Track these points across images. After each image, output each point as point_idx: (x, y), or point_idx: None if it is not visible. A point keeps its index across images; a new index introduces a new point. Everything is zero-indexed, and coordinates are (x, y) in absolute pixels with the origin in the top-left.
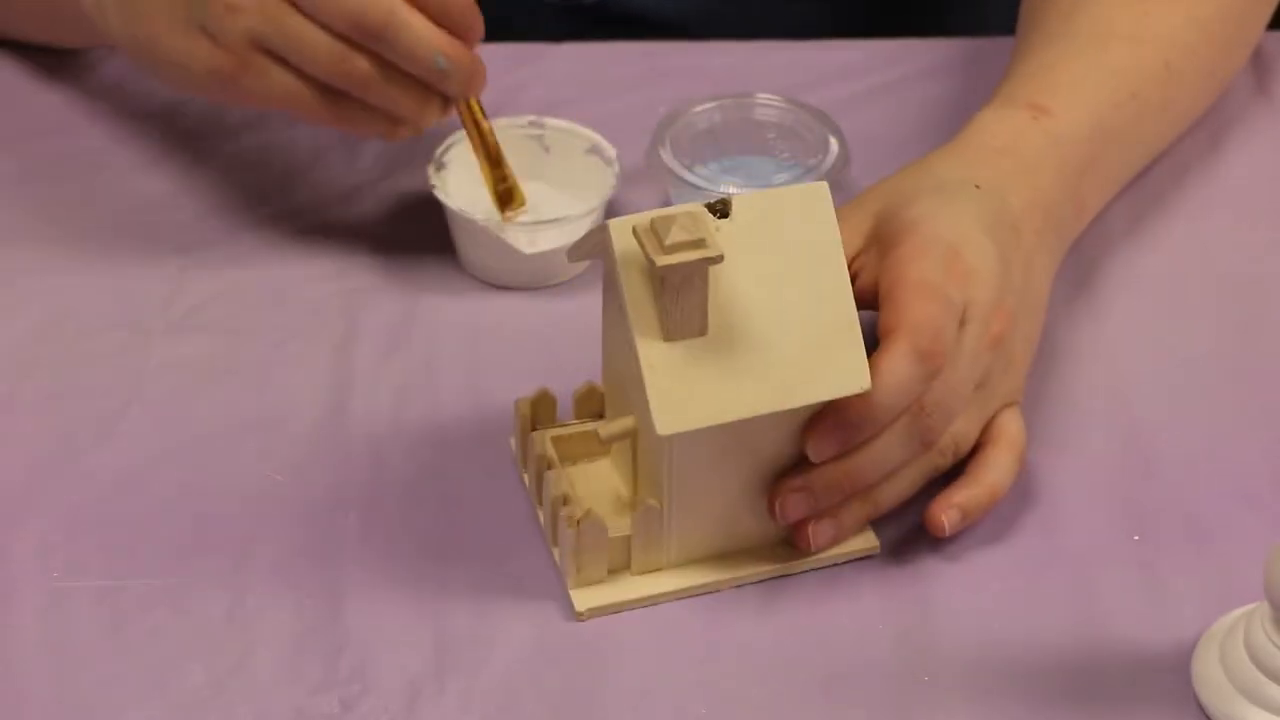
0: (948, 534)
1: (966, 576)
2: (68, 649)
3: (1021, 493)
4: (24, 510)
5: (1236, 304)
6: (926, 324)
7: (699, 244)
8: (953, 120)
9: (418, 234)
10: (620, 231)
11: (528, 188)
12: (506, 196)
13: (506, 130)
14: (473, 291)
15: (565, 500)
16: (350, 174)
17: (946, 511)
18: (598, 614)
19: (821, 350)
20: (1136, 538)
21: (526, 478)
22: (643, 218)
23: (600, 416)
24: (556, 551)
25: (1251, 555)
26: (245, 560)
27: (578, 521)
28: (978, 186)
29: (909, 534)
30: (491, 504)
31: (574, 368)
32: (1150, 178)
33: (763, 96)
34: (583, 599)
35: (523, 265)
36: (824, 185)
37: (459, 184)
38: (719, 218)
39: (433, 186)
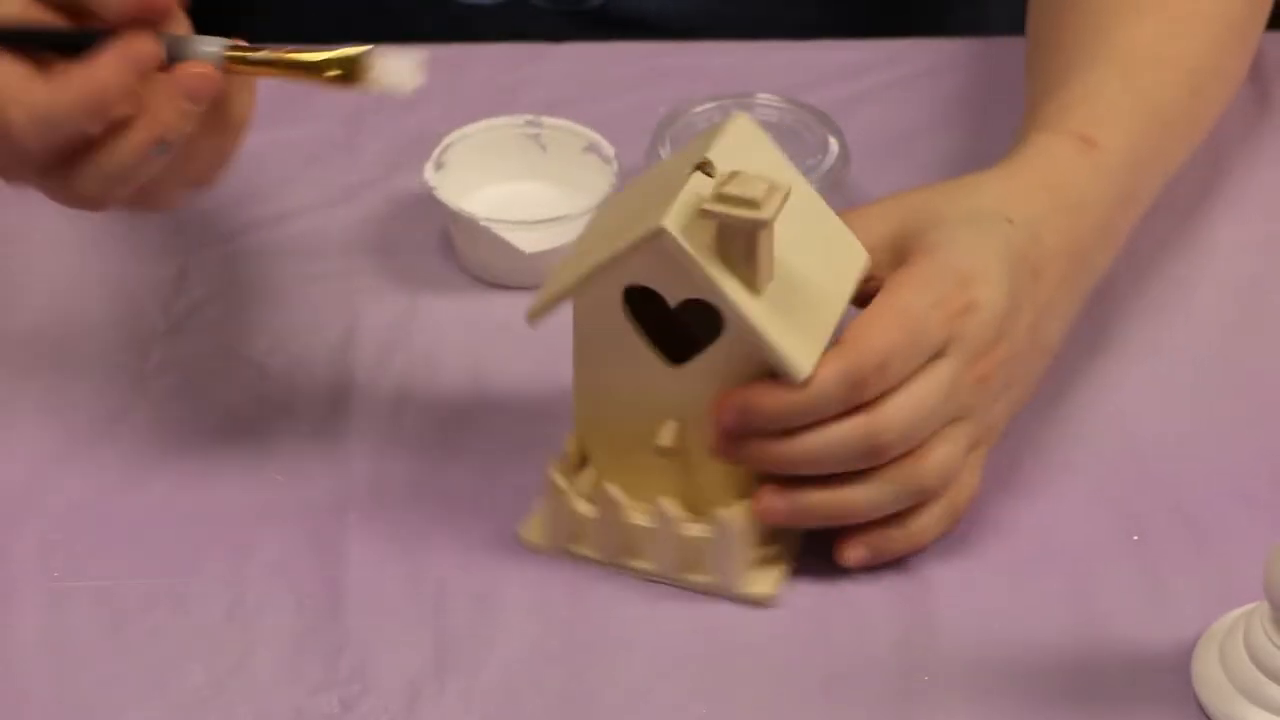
0: (851, 565)
1: (966, 576)
2: (68, 649)
3: (1021, 493)
4: (24, 510)
5: (1236, 304)
6: (876, 352)
7: (771, 188)
8: (953, 120)
9: (418, 234)
10: (676, 223)
11: (526, 187)
12: (346, 68)
13: (504, 129)
14: (473, 291)
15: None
16: (350, 174)
17: (854, 547)
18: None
19: (818, 307)
20: (1136, 538)
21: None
22: (685, 204)
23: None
24: (700, 577)
25: (1251, 555)
26: (245, 560)
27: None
28: (1010, 220)
29: None
30: (491, 504)
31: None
32: None
33: (763, 96)
34: (760, 582)
35: (523, 265)
36: (744, 117)
37: (459, 184)
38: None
39: (432, 187)
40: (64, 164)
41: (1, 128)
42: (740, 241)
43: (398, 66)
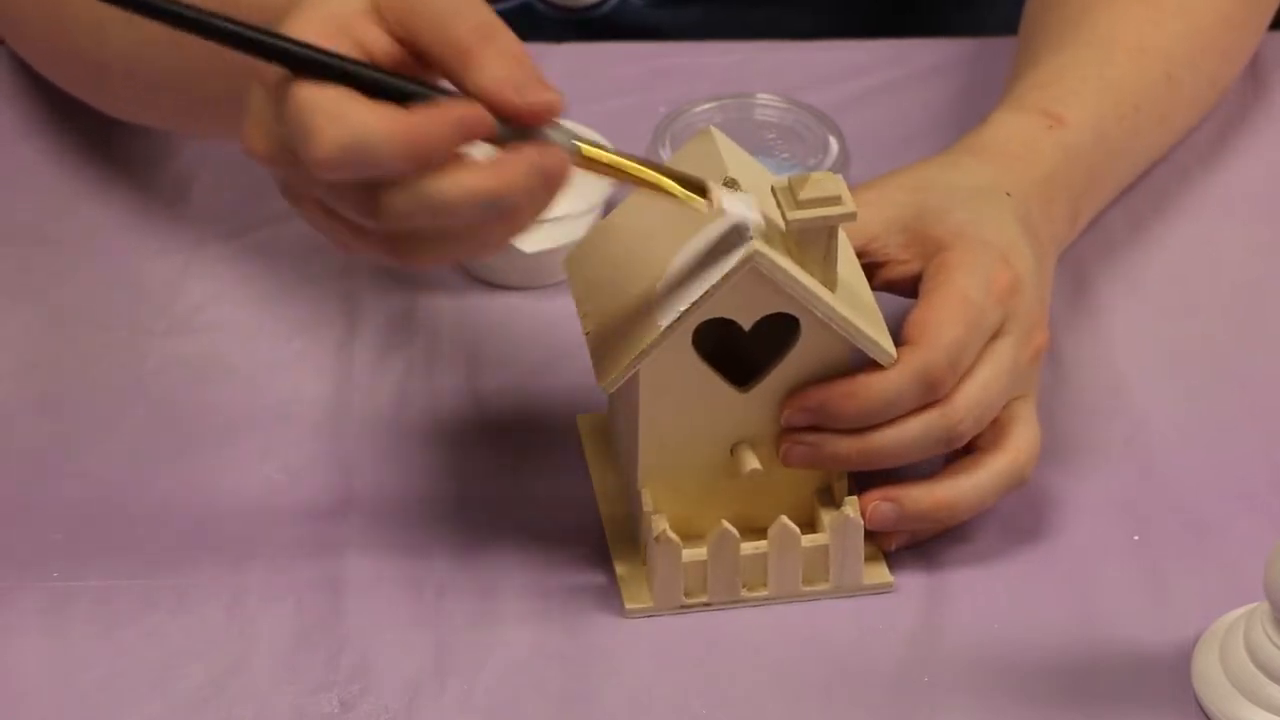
0: (868, 524)
1: (967, 576)
2: (68, 649)
3: (1021, 493)
4: (24, 510)
5: (1236, 304)
6: (946, 348)
7: (837, 181)
8: (952, 120)
9: None
10: (759, 239)
11: None
12: (693, 187)
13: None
14: (473, 291)
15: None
16: None
17: (879, 505)
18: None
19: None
20: (1136, 538)
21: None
22: (745, 205)
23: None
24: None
25: (1251, 555)
26: (245, 560)
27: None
28: (1008, 194)
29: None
30: (492, 503)
31: (574, 367)
32: (1150, 179)
33: (763, 96)
34: (876, 572)
35: (523, 265)
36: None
37: None
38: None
39: None
40: (371, 197)
41: (310, 139)
42: (821, 242)
43: (736, 205)
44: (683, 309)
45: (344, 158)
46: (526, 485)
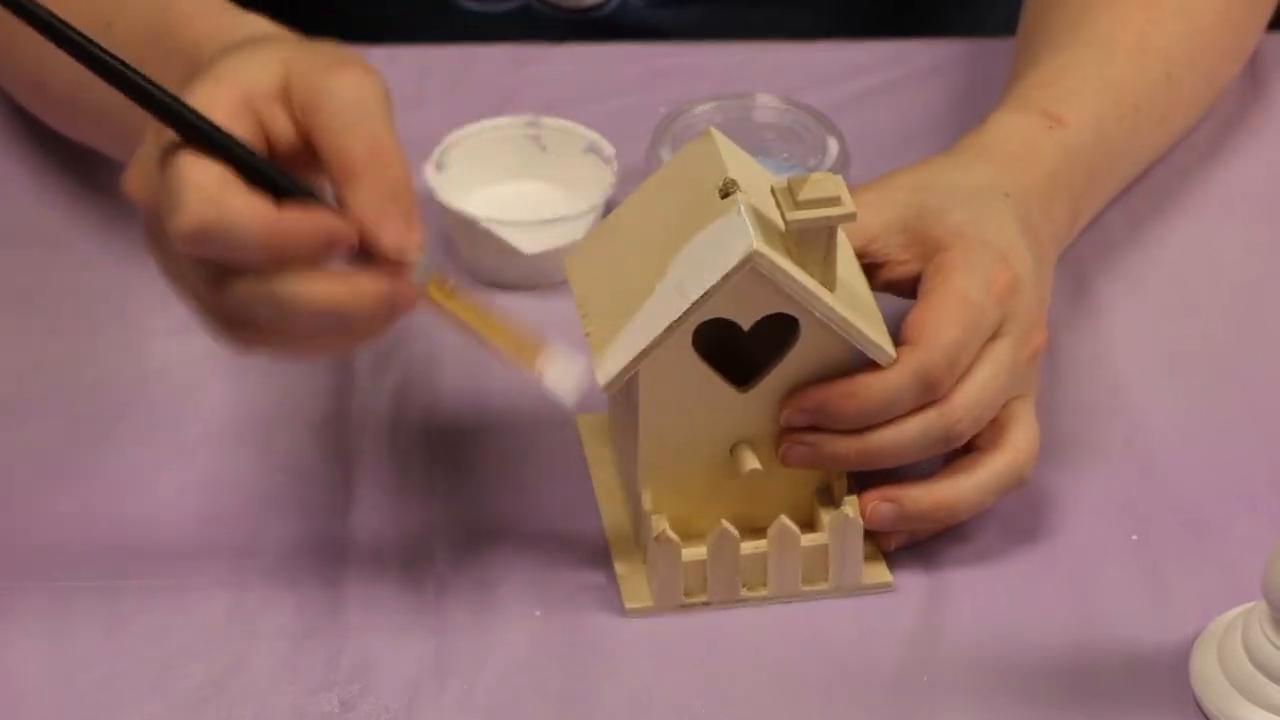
0: (867, 524)
1: (966, 576)
2: (68, 649)
3: (1021, 493)
4: (24, 510)
5: (1236, 304)
6: (945, 349)
7: (836, 181)
8: (952, 120)
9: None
10: (757, 238)
11: (526, 187)
12: (529, 352)
13: (503, 130)
14: (473, 292)
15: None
16: None
17: (878, 505)
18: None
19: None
20: (1136, 538)
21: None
22: (747, 208)
23: None
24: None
25: (1251, 555)
26: (245, 560)
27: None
28: (1008, 194)
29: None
30: (492, 503)
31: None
32: (1149, 180)
33: (762, 97)
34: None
35: (523, 265)
36: (710, 131)
37: (459, 184)
38: (722, 198)
39: (432, 187)
40: (221, 276)
41: (177, 210)
42: (820, 243)
43: (565, 374)
44: (683, 309)
45: (203, 237)
46: (526, 485)
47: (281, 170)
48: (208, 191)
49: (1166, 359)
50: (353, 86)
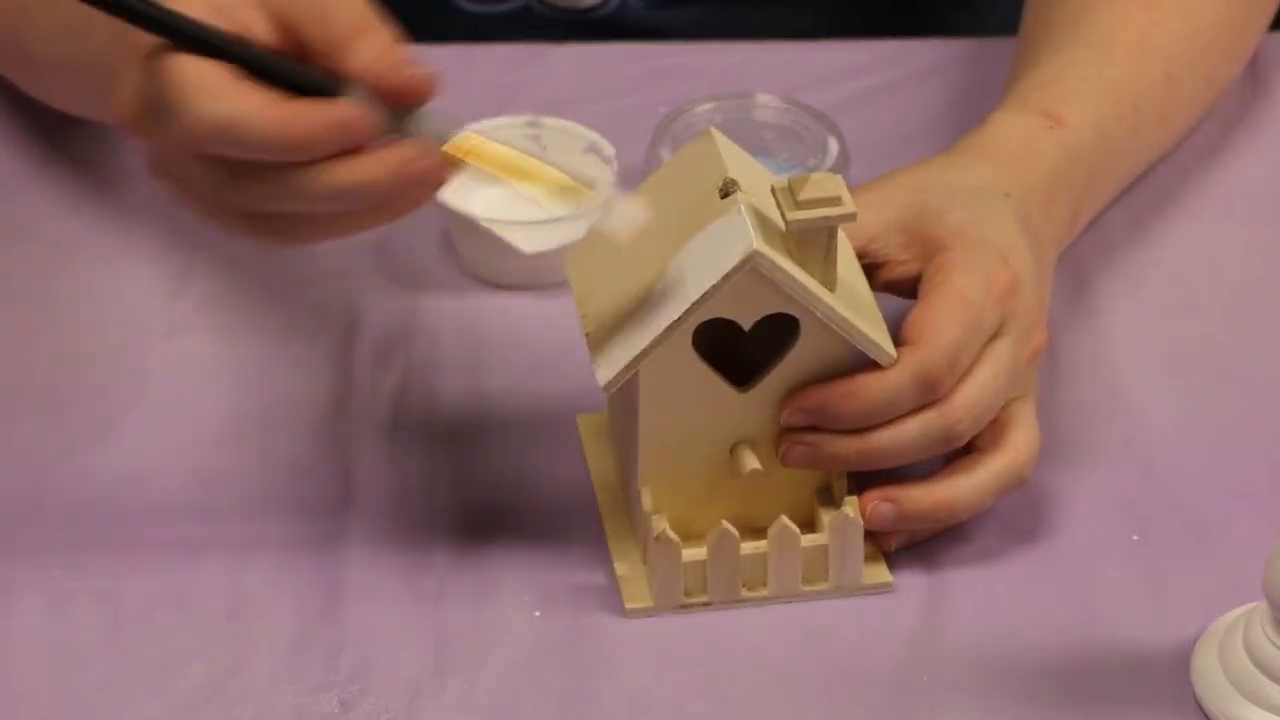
0: (867, 524)
1: (966, 576)
2: (68, 649)
3: (1022, 493)
4: (24, 510)
5: (1236, 304)
6: (945, 349)
7: (836, 182)
8: (952, 120)
9: (418, 234)
10: (758, 238)
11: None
12: (570, 193)
13: (503, 130)
14: (473, 291)
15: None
16: None
17: (878, 505)
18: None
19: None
20: (1136, 538)
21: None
22: (747, 209)
23: None
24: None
25: (1251, 555)
26: (245, 560)
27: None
28: (1008, 195)
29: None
30: (492, 503)
31: (573, 367)
32: (1150, 179)
33: (762, 97)
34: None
35: (523, 265)
36: (710, 131)
37: (459, 184)
38: (723, 198)
39: None
40: (240, 174)
41: (184, 109)
42: (821, 243)
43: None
44: (683, 309)
45: (217, 132)
46: (527, 485)
47: (285, 59)
48: (214, 88)
49: (1166, 359)
50: None
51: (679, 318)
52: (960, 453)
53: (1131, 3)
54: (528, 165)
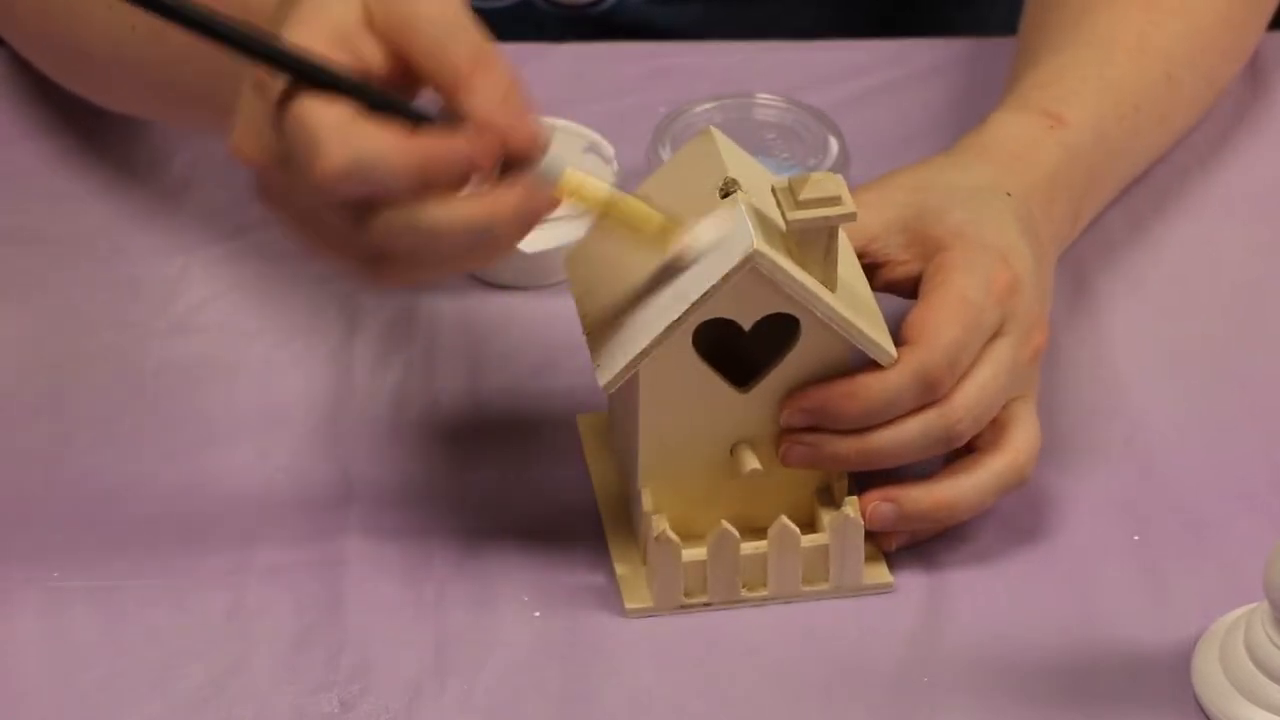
0: (868, 525)
1: (966, 576)
2: (67, 649)
3: (1022, 493)
4: (24, 510)
5: (1236, 304)
6: (945, 349)
7: (837, 181)
8: (953, 120)
9: None
10: (758, 238)
11: None
12: (665, 233)
13: None
14: (473, 291)
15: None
16: None
17: (878, 505)
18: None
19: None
20: (1136, 538)
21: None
22: (744, 207)
23: None
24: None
25: (1251, 555)
26: (245, 560)
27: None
28: (1008, 194)
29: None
30: (492, 503)
31: (574, 367)
32: (1149, 179)
33: (763, 97)
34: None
35: (522, 265)
36: (709, 130)
37: None
38: (723, 197)
39: None
40: (364, 213)
41: (317, 154)
42: (821, 242)
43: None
44: (683, 309)
45: (351, 175)
46: (527, 485)
47: (403, 99)
48: (343, 129)
49: (1166, 359)
50: (435, 1)
51: (679, 318)
52: (960, 453)
53: (1131, 3)
54: (626, 205)
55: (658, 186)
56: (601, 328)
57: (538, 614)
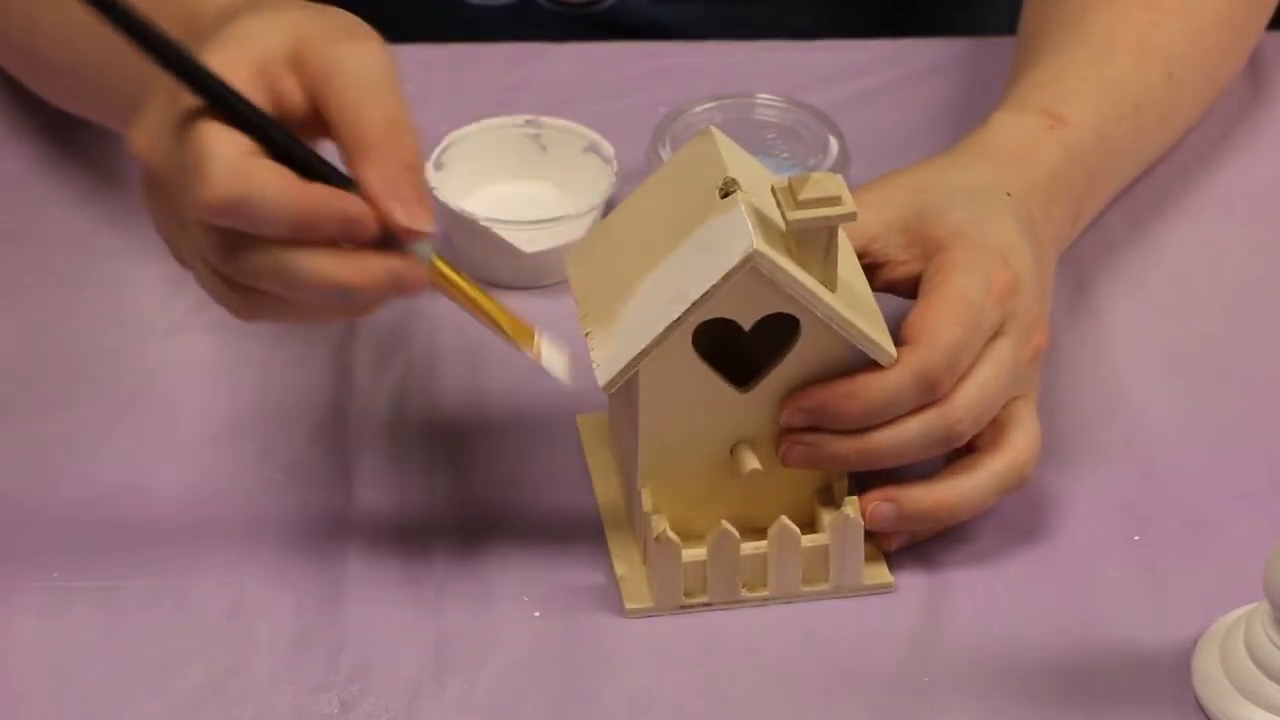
0: (868, 525)
1: (966, 576)
2: (67, 649)
3: (1022, 493)
4: (24, 510)
5: (1236, 304)
6: (945, 349)
7: (837, 181)
8: (952, 120)
9: None
10: (757, 238)
11: (526, 187)
12: (519, 333)
13: (503, 129)
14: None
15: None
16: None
17: (878, 505)
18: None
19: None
20: (1136, 538)
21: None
22: (747, 210)
23: None
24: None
25: (1251, 555)
26: (245, 560)
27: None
28: (1009, 194)
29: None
30: (492, 503)
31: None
32: (1150, 180)
33: (763, 96)
34: (876, 572)
35: (522, 265)
36: (709, 129)
37: (459, 184)
38: (723, 197)
39: (432, 187)
40: (233, 245)
41: (204, 182)
42: (821, 242)
43: (554, 358)
44: (683, 309)
45: (230, 210)
46: (526, 485)
47: (310, 150)
48: (236, 163)
49: (1166, 359)
50: (366, 57)
51: (679, 318)
52: (961, 453)
53: (1131, 3)
54: (486, 302)
55: (658, 186)
56: (601, 327)
57: (537, 614)
